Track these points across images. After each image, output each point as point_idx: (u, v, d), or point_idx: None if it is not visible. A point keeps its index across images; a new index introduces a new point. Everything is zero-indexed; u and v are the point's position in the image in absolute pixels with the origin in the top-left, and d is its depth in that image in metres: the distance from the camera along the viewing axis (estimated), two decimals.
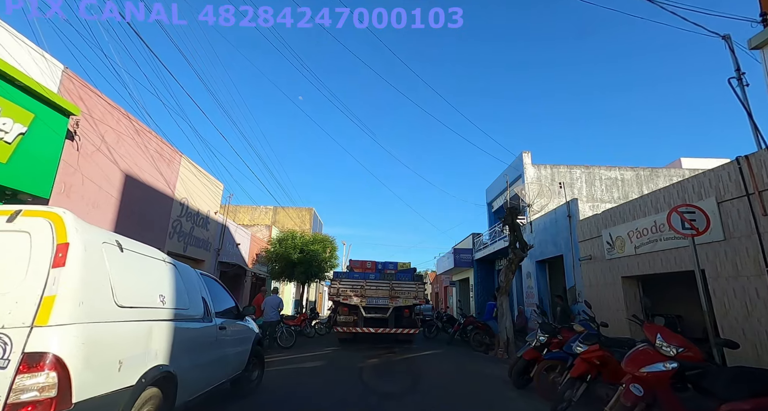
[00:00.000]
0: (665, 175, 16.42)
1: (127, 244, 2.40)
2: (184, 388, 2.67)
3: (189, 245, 11.30)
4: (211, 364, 3.27)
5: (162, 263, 2.75)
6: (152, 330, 2.42)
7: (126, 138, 8.07)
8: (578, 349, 4.47)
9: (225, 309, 3.92)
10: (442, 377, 7.11)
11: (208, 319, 3.32)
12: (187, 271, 3.25)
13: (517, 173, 17.44)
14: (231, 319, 3.94)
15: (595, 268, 9.84)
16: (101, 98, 7.19)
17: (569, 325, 5.91)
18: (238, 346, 4.03)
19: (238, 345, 4.00)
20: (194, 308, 3.07)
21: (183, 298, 2.88)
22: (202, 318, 3.19)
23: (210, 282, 3.81)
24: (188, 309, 2.93)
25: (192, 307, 3.02)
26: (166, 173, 9.82)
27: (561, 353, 5.25)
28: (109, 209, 7.63)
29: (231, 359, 3.77)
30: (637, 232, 8.18)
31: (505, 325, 10.58)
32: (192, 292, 3.10)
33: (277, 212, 30.99)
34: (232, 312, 4.04)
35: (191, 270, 3.41)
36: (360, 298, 11.79)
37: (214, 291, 3.75)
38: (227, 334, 3.65)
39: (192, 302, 3.04)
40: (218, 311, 3.69)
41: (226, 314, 3.91)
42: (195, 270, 3.51)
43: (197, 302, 3.17)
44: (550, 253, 12.80)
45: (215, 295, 3.77)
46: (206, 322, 3.27)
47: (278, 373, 6.69)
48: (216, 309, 3.58)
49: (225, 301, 4.05)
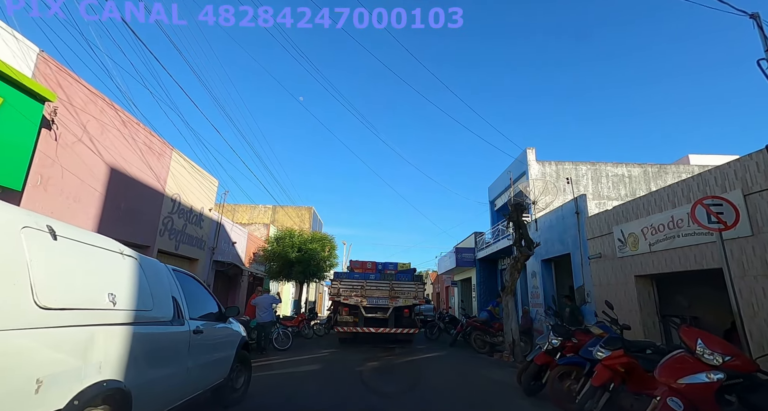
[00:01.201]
0: (674, 172, 15.96)
1: (65, 231, 1.93)
2: (145, 405, 2.22)
3: (181, 243, 10.87)
4: (184, 374, 2.83)
5: (116, 256, 2.30)
6: (95, 337, 1.95)
7: (111, 129, 7.63)
8: (599, 354, 4.02)
9: (205, 310, 3.47)
10: (446, 382, 6.67)
11: (179, 322, 2.87)
12: (154, 266, 2.80)
13: (521, 170, 16.99)
14: (211, 322, 3.48)
15: (606, 267, 9.39)
16: (82, 85, 6.75)
17: (584, 327, 5.45)
18: (219, 351, 3.59)
19: (218, 350, 3.56)
20: (160, 309, 2.62)
21: (145, 297, 2.43)
22: (171, 321, 2.73)
23: (186, 280, 3.37)
24: (151, 310, 2.48)
25: (157, 308, 2.57)
26: (156, 167, 9.39)
27: (577, 358, 4.80)
28: (92, 204, 7.19)
29: (210, 366, 3.33)
30: (652, 229, 7.72)
31: (510, 327, 10.13)
32: (158, 291, 2.65)
33: (276, 211, 30.62)
34: (212, 313, 3.59)
35: (160, 265, 2.96)
36: (360, 298, 11.73)
37: (190, 290, 3.32)
38: (205, 338, 3.20)
39: (158, 303, 2.59)
40: (197, 313, 3.24)
41: (207, 316, 3.47)
42: (166, 266, 3.05)
43: (165, 303, 2.72)
44: (556, 251, 12.34)
45: (192, 294, 3.35)
46: (177, 326, 2.82)
47: (269, 379, 6.26)
48: (193, 310, 3.13)
49: (204, 302, 3.62)
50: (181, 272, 3.32)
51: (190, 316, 3.03)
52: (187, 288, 3.17)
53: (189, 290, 3.22)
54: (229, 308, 3.84)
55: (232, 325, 3.98)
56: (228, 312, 3.85)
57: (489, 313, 12.69)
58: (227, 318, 3.83)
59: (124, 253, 2.39)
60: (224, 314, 3.80)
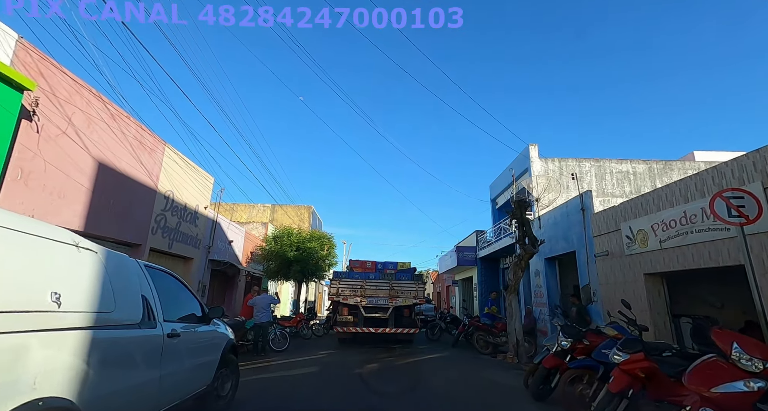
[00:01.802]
0: (679, 168, 15.64)
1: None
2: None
3: (175, 241, 10.56)
4: (155, 384, 2.50)
5: (67, 249, 1.96)
6: (30, 346, 1.63)
7: (98, 122, 7.32)
8: (616, 357, 3.71)
9: (184, 311, 3.15)
10: (449, 385, 6.36)
11: (149, 325, 2.54)
12: (120, 261, 2.46)
13: (523, 167, 16.67)
14: (191, 324, 3.16)
15: (613, 265, 9.07)
16: (66, 75, 6.44)
17: (595, 327, 5.14)
18: (201, 355, 3.26)
19: (200, 355, 3.23)
20: (125, 311, 2.29)
21: (105, 297, 2.10)
22: (139, 324, 2.42)
23: (162, 277, 3.03)
24: (112, 312, 2.15)
25: (121, 310, 2.25)
26: (148, 163, 9.08)
27: (590, 361, 4.49)
28: (78, 200, 6.88)
29: (189, 373, 3.01)
30: (663, 225, 7.41)
31: (514, 327, 9.84)
32: (123, 290, 2.32)
33: (275, 210, 30.36)
34: (194, 315, 3.27)
35: (129, 261, 2.62)
36: (360, 297, 11.58)
37: (166, 289, 2.99)
38: (183, 342, 2.88)
39: (122, 303, 2.25)
40: (175, 315, 2.92)
41: (187, 318, 3.14)
42: (137, 261, 2.71)
43: (132, 303, 2.39)
44: (560, 249, 12.02)
45: (169, 294, 3.02)
46: (146, 329, 2.49)
47: (261, 383, 5.95)
48: (170, 311, 2.80)
49: (184, 302, 3.30)
50: (157, 269, 2.98)
51: (166, 317, 2.70)
52: (162, 287, 2.83)
53: (165, 289, 2.89)
54: (212, 309, 3.52)
55: (217, 327, 3.65)
56: (211, 313, 3.53)
57: (490, 316, 12.40)
58: (211, 319, 3.51)
59: (79, 245, 2.07)
60: (207, 315, 3.49)
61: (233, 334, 4.20)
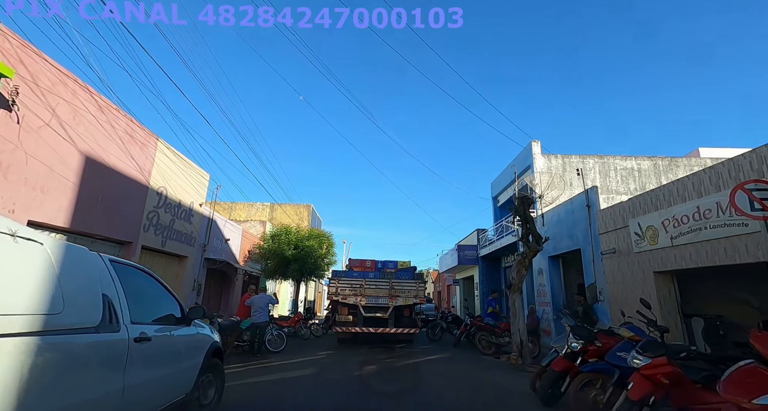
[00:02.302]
0: (685, 165, 15.34)
1: None
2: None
3: (168, 239, 10.27)
4: (116, 396, 2.17)
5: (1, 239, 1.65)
6: None
7: (85, 114, 7.02)
8: (636, 362, 3.41)
9: (160, 312, 2.84)
10: (452, 389, 6.06)
11: (110, 328, 2.20)
12: (75, 255, 2.10)
13: (526, 164, 16.38)
14: (168, 326, 2.86)
15: (621, 263, 8.78)
16: (48, 63, 6.14)
17: (608, 328, 4.84)
18: (179, 361, 2.95)
19: (178, 360, 2.92)
20: (78, 312, 2.00)
21: (49, 296, 1.76)
22: (97, 327, 2.08)
23: (132, 274, 2.71)
24: (59, 314, 1.80)
25: (72, 311, 1.95)
26: (139, 158, 8.78)
27: (603, 364, 4.19)
28: (63, 195, 6.59)
29: (164, 381, 2.71)
30: (674, 221, 7.11)
31: (518, 327, 9.53)
32: (76, 288, 1.97)
33: (275, 209, 30.09)
34: (171, 316, 2.96)
35: (88, 255, 2.34)
36: (359, 297, 11.30)
37: (137, 287, 2.68)
38: (155, 347, 2.56)
39: (73, 303, 1.96)
40: (147, 316, 2.60)
41: (163, 319, 2.83)
42: (100, 255, 2.35)
43: (89, 303, 2.05)
44: (565, 247, 11.73)
45: (140, 293, 2.72)
46: (106, 334, 2.15)
47: (252, 387, 5.66)
48: (141, 312, 2.49)
49: (160, 302, 3.00)
50: (127, 265, 2.66)
51: (135, 319, 2.37)
52: (132, 285, 2.50)
53: (135, 288, 2.57)
54: (192, 309, 3.20)
55: (199, 329, 3.34)
56: (192, 313, 3.21)
57: (493, 316, 12.10)
58: (191, 320, 3.20)
59: (17, 234, 1.75)
60: (187, 316, 3.18)
61: (219, 335, 3.90)
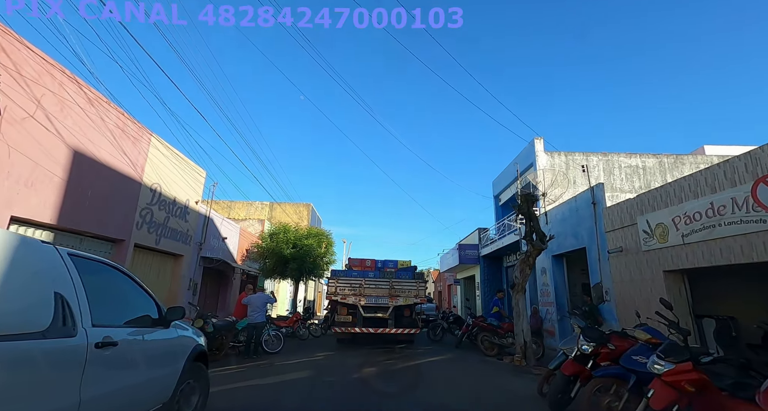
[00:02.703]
0: (691, 162, 15.07)
1: None
2: None
3: (163, 237, 10.00)
4: (75, 409, 1.87)
5: None
6: None
7: (73, 106, 6.76)
8: (657, 367, 3.14)
9: (132, 313, 2.56)
10: (455, 393, 5.80)
11: (63, 332, 1.90)
12: (21, 247, 1.87)
13: (528, 162, 16.11)
14: (142, 328, 2.60)
15: (628, 262, 8.51)
16: (33, 52, 5.87)
17: (622, 330, 4.57)
18: (155, 367, 2.65)
19: (153, 366, 2.62)
20: (19, 314, 1.73)
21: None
22: (44, 331, 1.79)
23: (96, 270, 2.38)
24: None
25: (10, 313, 1.68)
26: (132, 153, 8.51)
27: (618, 369, 3.92)
28: (50, 190, 6.32)
29: (135, 391, 2.40)
30: (685, 217, 6.84)
31: (522, 327, 9.26)
32: (19, 286, 1.76)
33: (274, 208, 29.84)
34: (146, 317, 2.67)
35: (39, 246, 2.03)
36: (359, 297, 11.06)
37: (102, 285, 2.39)
38: (124, 352, 2.26)
39: (13, 304, 1.71)
40: (116, 318, 2.33)
41: (136, 321, 2.56)
42: (56, 247, 2.11)
43: (35, 303, 1.82)
44: (569, 246, 11.46)
45: (108, 291, 2.44)
46: (57, 339, 1.85)
47: (242, 392, 5.40)
48: (107, 313, 2.25)
49: (133, 301, 2.71)
50: (91, 259, 2.38)
51: (98, 321, 2.05)
52: (96, 282, 2.24)
53: (100, 286, 2.32)
54: (171, 309, 2.90)
55: (180, 331, 3.05)
56: (170, 314, 2.88)
57: (497, 316, 11.83)
58: (170, 322, 2.92)
59: None
60: (165, 317, 2.88)
61: (204, 338, 3.61)
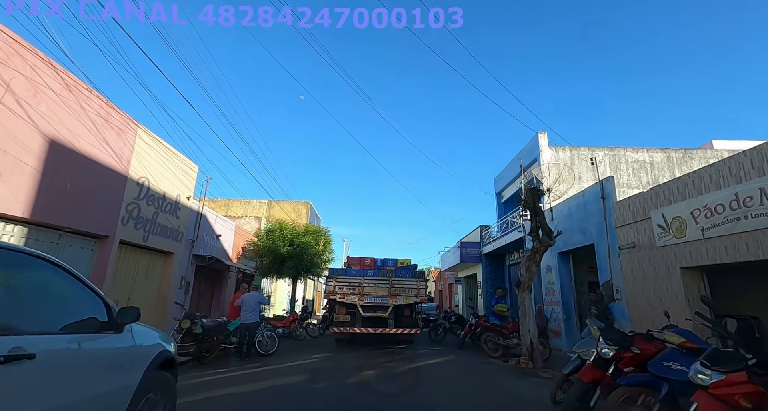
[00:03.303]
0: (701, 157, 14.60)
1: None
2: None
3: (151, 234, 9.54)
4: None
5: None
6: None
7: (48, 92, 6.29)
8: (702, 377, 2.68)
9: (71, 316, 2.05)
10: (460, 400, 5.34)
11: None
12: None
13: (532, 157, 15.65)
14: (81, 335, 2.11)
15: (641, 258, 8.05)
16: (0, 31, 5.40)
17: (647, 332, 4.11)
18: (97, 382, 2.14)
19: (93, 382, 2.12)
20: None
21: None
22: None
23: (16, 263, 1.91)
24: None
25: None
26: (116, 145, 8.04)
27: (648, 377, 3.46)
28: (21, 180, 5.86)
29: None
30: (706, 210, 6.38)
31: (528, 328, 8.81)
32: None
33: (272, 206, 29.41)
34: (94, 320, 2.19)
35: None
36: (358, 296, 10.71)
37: (23, 282, 1.95)
38: (45, 367, 1.76)
39: None
40: (46, 323, 1.89)
41: (80, 325, 2.07)
42: None
43: None
44: (576, 242, 11.00)
45: (32, 289, 1.99)
46: None
47: (221, 400, 4.92)
48: (34, 317, 1.83)
49: (73, 302, 2.23)
50: (8, 249, 1.90)
51: (11, 328, 1.61)
52: (13, 278, 1.79)
53: (20, 282, 1.88)
54: (123, 310, 2.41)
55: (138, 336, 2.54)
56: (122, 316, 2.39)
57: (497, 315, 11.37)
58: (123, 325, 2.42)
59: None
60: (116, 319, 2.37)
61: (173, 342, 3.13)
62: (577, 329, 11.17)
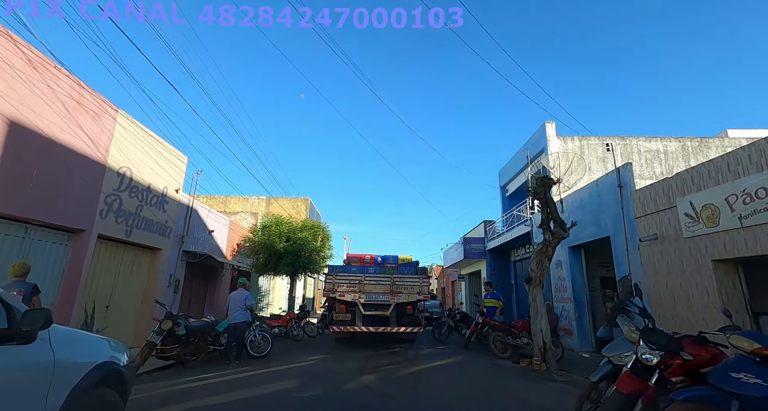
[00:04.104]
0: (717, 146, 13.89)
1: None
2: None
3: (135, 228, 8.90)
4: None
5: None
6: None
7: (6, 68, 5.63)
8: None
9: None
10: (469, 408, 4.69)
11: None
12: None
13: (539, 148, 14.97)
14: None
15: (664, 251, 7.38)
16: None
17: (699, 334, 3.44)
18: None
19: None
20: None
21: None
22: None
23: None
24: None
25: None
26: (92, 131, 7.39)
27: (711, 390, 2.80)
28: None
29: None
30: (744, 195, 5.70)
31: (540, 327, 8.16)
32: None
33: (271, 203, 28.81)
34: None
35: None
36: (358, 294, 10.29)
37: None
38: None
39: None
40: None
41: None
42: None
43: None
44: (589, 235, 10.33)
45: None
46: None
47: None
48: None
49: None
50: None
51: None
52: None
53: None
54: (29, 313, 1.81)
55: (60, 347, 1.87)
56: (27, 320, 1.80)
57: (492, 311, 10.72)
58: (31, 333, 1.80)
59: None
60: (20, 326, 1.78)
61: (125, 352, 2.50)
62: (590, 328, 10.53)
